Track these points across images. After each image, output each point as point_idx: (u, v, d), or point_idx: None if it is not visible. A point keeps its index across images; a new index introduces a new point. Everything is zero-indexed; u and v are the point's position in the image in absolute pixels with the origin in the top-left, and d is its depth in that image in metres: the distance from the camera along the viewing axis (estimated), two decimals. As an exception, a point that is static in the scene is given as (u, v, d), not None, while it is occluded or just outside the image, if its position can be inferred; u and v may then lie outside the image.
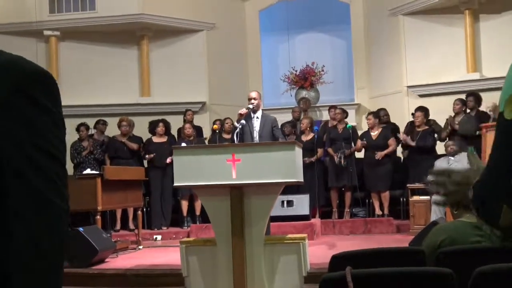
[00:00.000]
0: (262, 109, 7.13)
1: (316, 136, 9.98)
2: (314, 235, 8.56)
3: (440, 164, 8.89)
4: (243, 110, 6.90)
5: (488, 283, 2.53)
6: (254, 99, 6.98)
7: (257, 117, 6.91)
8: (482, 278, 2.53)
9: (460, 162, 8.63)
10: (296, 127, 10.68)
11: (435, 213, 8.29)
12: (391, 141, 9.67)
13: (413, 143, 9.47)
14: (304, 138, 9.97)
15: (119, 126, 10.27)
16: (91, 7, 11.96)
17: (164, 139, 10.22)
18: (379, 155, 9.54)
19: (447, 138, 9.51)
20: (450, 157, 8.81)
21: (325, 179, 10.07)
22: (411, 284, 2.48)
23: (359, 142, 9.81)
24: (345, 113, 10.36)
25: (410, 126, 10.01)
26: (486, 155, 6.31)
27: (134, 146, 10.15)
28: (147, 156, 10.03)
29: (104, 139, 10.65)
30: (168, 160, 9.75)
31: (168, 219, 10.12)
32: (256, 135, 6.92)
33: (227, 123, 10.21)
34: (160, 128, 10.18)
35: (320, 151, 9.97)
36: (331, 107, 10.59)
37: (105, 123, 10.83)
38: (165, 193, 10.06)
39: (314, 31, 13.64)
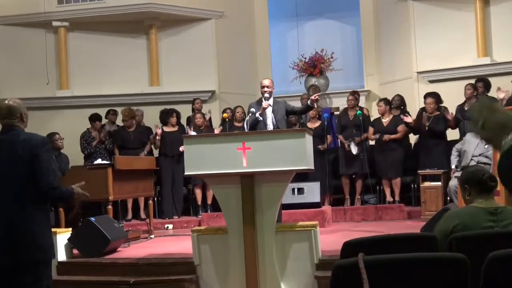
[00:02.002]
0: (273, 97, 7.07)
1: (326, 123, 9.94)
2: (325, 223, 8.56)
3: (472, 139, 8.61)
4: (266, 104, 6.89)
5: (501, 268, 2.52)
6: (268, 87, 6.93)
7: (270, 105, 6.87)
8: (496, 263, 2.52)
9: (489, 148, 8.45)
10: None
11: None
12: (400, 128, 9.61)
13: (427, 123, 9.37)
14: (311, 125, 9.91)
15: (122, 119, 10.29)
16: (99, -3, 11.97)
17: (175, 128, 10.21)
18: (386, 137, 9.50)
19: (457, 126, 9.43)
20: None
21: (336, 166, 10.05)
22: (425, 270, 2.48)
23: (371, 130, 9.75)
24: (357, 100, 10.29)
25: (422, 112, 9.92)
26: (498, 140, 6.27)
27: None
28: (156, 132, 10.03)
29: (114, 129, 10.66)
30: (181, 149, 9.78)
31: (180, 208, 10.12)
32: (269, 122, 6.89)
33: (238, 112, 10.17)
34: (174, 119, 10.16)
35: (329, 138, 9.94)
36: (353, 92, 10.49)
37: (115, 113, 10.83)
38: (176, 182, 10.06)
39: (323, 17, 13.57)
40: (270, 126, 6.89)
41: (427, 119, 9.42)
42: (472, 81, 9.72)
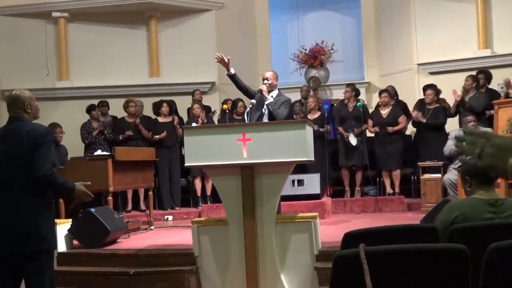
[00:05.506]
0: (278, 89, 6.99)
1: (326, 114, 9.94)
2: (325, 214, 8.56)
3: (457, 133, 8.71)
4: (263, 87, 6.74)
5: (502, 259, 2.52)
6: (267, 79, 6.85)
7: (272, 96, 6.81)
8: (496, 254, 2.52)
9: None
10: (304, 106, 10.66)
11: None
12: (402, 119, 9.62)
13: (424, 120, 9.39)
14: (311, 116, 9.90)
15: (126, 107, 10.19)
16: (99, -12, 11.93)
17: (169, 119, 10.19)
18: (390, 129, 9.50)
19: (457, 114, 9.43)
20: None
21: (335, 158, 10.04)
22: (426, 261, 2.47)
23: (370, 123, 9.75)
24: (354, 91, 10.27)
25: (421, 104, 9.94)
26: (499, 131, 6.28)
27: (148, 134, 10.04)
28: (156, 136, 9.95)
29: (109, 119, 10.63)
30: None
31: (177, 200, 10.12)
32: (267, 113, 6.81)
33: (239, 106, 10.11)
34: (164, 109, 10.15)
35: (328, 127, 9.91)
36: (348, 85, 10.48)
37: (103, 104, 10.73)
38: (173, 173, 10.06)
39: (324, 9, 13.55)
40: (263, 118, 6.74)
41: (425, 115, 9.41)
42: (473, 73, 9.70)
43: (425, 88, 9.76)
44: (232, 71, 6.72)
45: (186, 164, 5.52)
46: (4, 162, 4.05)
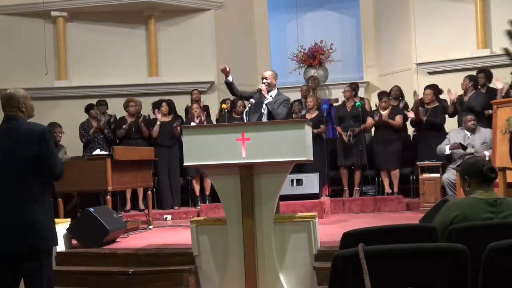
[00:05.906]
0: (277, 88, 6.98)
1: (325, 114, 9.93)
2: (324, 214, 8.56)
3: (455, 135, 8.70)
4: (262, 87, 6.74)
5: (501, 258, 2.53)
6: (266, 78, 6.84)
7: (271, 96, 6.80)
8: (495, 253, 2.52)
9: (476, 141, 8.51)
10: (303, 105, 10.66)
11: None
12: (398, 117, 9.60)
13: (424, 117, 9.38)
14: (308, 116, 9.90)
15: (126, 106, 10.16)
16: (97, -13, 11.93)
17: (168, 118, 10.19)
18: (384, 116, 9.48)
19: (455, 114, 9.43)
20: (466, 131, 8.59)
21: (334, 157, 10.04)
22: (425, 261, 2.48)
23: (370, 120, 9.75)
24: (353, 91, 10.27)
25: (421, 103, 9.92)
26: (498, 131, 6.28)
27: (147, 132, 10.03)
28: (152, 128, 9.94)
29: (109, 118, 10.61)
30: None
31: (177, 199, 10.11)
32: (266, 113, 6.81)
33: (238, 105, 10.11)
34: (164, 108, 10.14)
35: (322, 127, 9.89)
36: (350, 84, 10.50)
37: (101, 103, 10.72)
38: (172, 173, 10.05)
39: (323, 9, 13.55)
40: (262, 117, 6.75)
41: (424, 113, 9.42)
42: (472, 72, 9.71)
43: (426, 88, 9.77)
44: (230, 78, 6.74)
45: (185, 164, 5.51)
46: (2, 161, 4.05)
